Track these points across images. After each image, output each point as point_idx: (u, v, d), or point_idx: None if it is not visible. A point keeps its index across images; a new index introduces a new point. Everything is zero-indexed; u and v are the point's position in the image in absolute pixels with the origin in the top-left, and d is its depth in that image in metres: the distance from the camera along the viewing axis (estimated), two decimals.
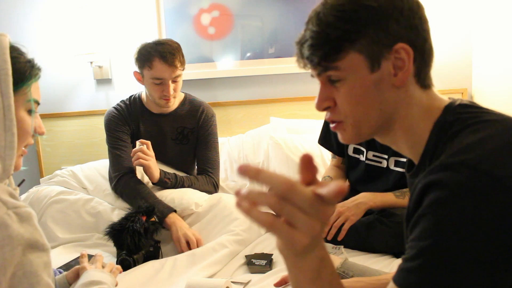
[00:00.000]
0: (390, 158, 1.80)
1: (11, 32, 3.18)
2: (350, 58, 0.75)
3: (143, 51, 1.97)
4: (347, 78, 0.76)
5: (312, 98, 3.00)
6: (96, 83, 2.81)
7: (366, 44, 0.74)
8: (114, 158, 2.00)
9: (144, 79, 1.99)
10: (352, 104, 0.77)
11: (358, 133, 0.79)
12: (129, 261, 1.59)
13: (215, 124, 2.17)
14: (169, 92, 1.96)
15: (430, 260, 0.61)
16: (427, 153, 0.75)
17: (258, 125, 2.67)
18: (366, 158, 1.87)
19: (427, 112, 0.76)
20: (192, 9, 2.74)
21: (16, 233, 0.73)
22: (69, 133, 2.82)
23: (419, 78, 0.77)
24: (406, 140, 0.79)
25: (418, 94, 0.77)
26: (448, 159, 0.65)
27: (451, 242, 0.60)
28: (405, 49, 0.73)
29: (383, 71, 0.74)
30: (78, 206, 1.98)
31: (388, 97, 0.76)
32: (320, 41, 0.75)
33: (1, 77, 0.81)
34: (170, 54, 1.92)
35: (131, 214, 1.67)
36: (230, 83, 2.79)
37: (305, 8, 2.71)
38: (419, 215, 0.65)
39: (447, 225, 0.61)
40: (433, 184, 0.63)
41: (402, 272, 0.66)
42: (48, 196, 1.99)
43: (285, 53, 2.74)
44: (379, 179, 1.84)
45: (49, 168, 2.82)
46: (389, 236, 1.65)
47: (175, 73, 1.95)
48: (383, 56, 0.74)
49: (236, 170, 0.52)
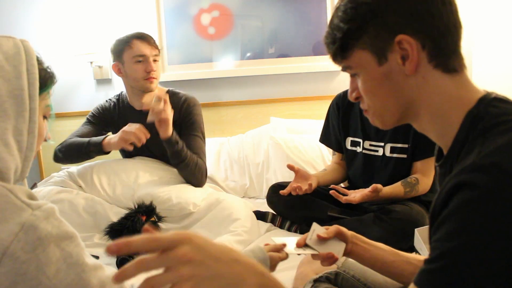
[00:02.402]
0: (386, 145, 1.83)
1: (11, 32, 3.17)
2: (357, 55, 0.78)
3: (118, 41, 2.06)
4: (359, 73, 0.80)
5: (312, 98, 3.01)
6: (96, 83, 2.81)
7: (369, 40, 0.75)
8: (75, 130, 2.19)
9: (125, 64, 2.03)
10: (369, 96, 0.80)
11: (383, 121, 0.82)
12: (128, 261, 1.58)
13: (198, 113, 2.15)
14: (152, 67, 2.01)
15: (454, 262, 0.60)
16: (457, 144, 0.73)
17: (258, 125, 2.67)
18: (363, 148, 1.90)
19: (458, 102, 0.74)
20: (192, 9, 2.74)
21: (44, 232, 0.74)
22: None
23: (438, 63, 0.74)
24: (434, 128, 0.77)
25: (441, 80, 0.75)
26: (480, 160, 0.63)
27: (477, 245, 0.58)
28: (406, 40, 0.72)
29: (391, 63, 0.75)
30: (76, 205, 1.97)
31: (404, 85, 0.76)
32: (330, 41, 0.81)
33: (31, 81, 0.84)
34: (146, 35, 2.05)
35: (131, 214, 1.67)
36: (230, 83, 2.79)
37: (305, 8, 2.71)
38: (445, 215, 0.63)
39: (473, 227, 0.59)
40: (463, 184, 0.61)
41: (424, 274, 0.63)
42: (46, 197, 1.98)
43: (285, 53, 2.75)
44: (377, 172, 1.85)
45: (49, 168, 2.82)
46: (388, 233, 1.65)
47: (155, 51, 2.04)
48: (388, 49, 0.74)
49: (106, 252, 0.53)
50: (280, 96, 2.77)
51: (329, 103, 2.08)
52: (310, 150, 2.34)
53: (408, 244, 1.59)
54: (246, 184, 2.45)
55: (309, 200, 1.92)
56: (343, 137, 1.98)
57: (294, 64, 2.73)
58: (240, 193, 2.41)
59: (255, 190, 2.44)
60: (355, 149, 1.94)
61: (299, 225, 1.93)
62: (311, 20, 2.72)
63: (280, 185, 2.01)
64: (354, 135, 1.95)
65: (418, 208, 1.73)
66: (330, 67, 2.68)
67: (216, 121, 2.78)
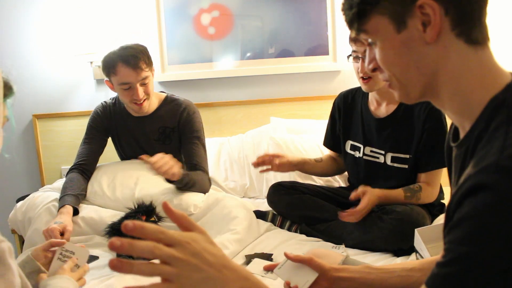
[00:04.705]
0: (387, 153, 1.82)
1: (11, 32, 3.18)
2: (375, 21, 0.75)
3: (107, 58, 1.95)
4: (377, 41, 0.77)
5: (312, 98, 3.02)
6: (96, 83, 2.81)
7: (388, 6, 0.72)
8: (79, 149, 2.13)
9: (114, 86, 1.98)
10: (388, 65, 0.77)
11: (406, 93, 0.78)
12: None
13: (199, 120, 2.13)
14: (138, 96, 1.93)
15: (469, 267, 0.58)
16: (476, 129, 0.69)
17: (258, 125, 2.66)
18: (364, 154, 1.88)
19: (481, 81, 0.70)
20: (192, 9, 2.74)
21: None
22: (69, 133, 2.82)
23: (461, 32, 0.70)
24: (452, 105, 0.74)
25: (463, 52, 0.71)
26: (503, 160, 0.59)
27: (494, 251, 0.57)
28: (429, 4, 0.69)
29: (410, 29, 0.72)
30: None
31: (425, 54, 0.72)
32: (348, 6, 0.78)
33: None
34: (133, 57, 1.89)
35: (131, 214, 1.67)
36: (230, 83, 2.79)
37: (305, 8, 2.71)
38: (462, 217, 0.60)
39: (491, 232, 0.57)
40: (483, 186, 0.59)
41: (437, 278, 0.61)
42: (43, 203, 1.98)
43: (285, 53, 2.75)
44: (380, 177, 1.84)
45: (49, 168, 2.82)
46: (389, 233, 1.65)
47: (141, 76, 1.92)
48: (408, 14, 0.71)
49: (108, 246, 0.56)
50: (280, 96, 2.77)
51: (329, 103, 2.08)
52: (310, 150, 2.34)
53: (408, 244, 1.59)
54: (246, 184, 2.45)
55: (309, 200, 1.92)
56: (343, 140, 1.98)
57: (294, 64, 2.73)
58: (240, 193, 2.41)
59: (255, 190, 2.44)
60: (354, 154, 1.93)
61: (299, 225, 1.93)
62: (311, 20, 2.72)
63: (280, 185, 2.02)
64: (354, 139, 1.94)
65: (418, 208, 1.73)
66: (330, 67, 2.68)
67: (216, 121, 2.78)
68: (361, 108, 1.92)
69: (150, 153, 2.10)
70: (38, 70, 2.76)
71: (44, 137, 2.83)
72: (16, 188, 2.78)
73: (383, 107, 1.85)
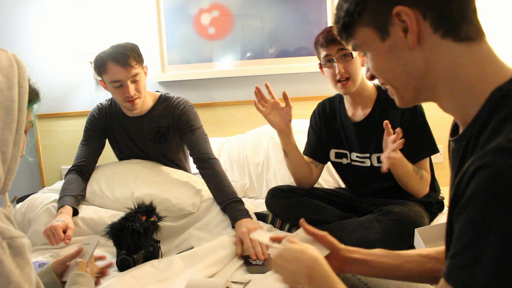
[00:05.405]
0: (372, 155, 1.82)
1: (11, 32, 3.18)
2: (361, 33, 0.78)
3: (97, 58, 1.95)
4: (366, 52, 0.80)
5: (312, 98, 3.01)
6: (96, 83, 2.81)
7: (369, 16, 0.76)
8: (77, 151, 2.15)
9: (107, 85, 1.98)
10: (379, 73, 0.80)
11: (401, 97, 0.81)
12: (129, 260, 1.59)
13: (193, 112, 2.10)
14: (129, 92, 1.92)
15: (481, 251, 0.58)
16: (478, 122, 0.69)
17: (258, 125, 2.66)
18: (352, 160, 1.89)
19: (481, 74, 0.71)
20: (192, 9, 2.74)
21: (6, 270, 0.71)
22: (69, 133, 2.82)
23: (446, 32, 0.71)
24: (451, 101, 0.75)
25: (454, 50, 0.72)
26: (506, 143, 0.60)
27: (501, 232, 0.57)
28: (404, 11, 0.71)
29: (393, 37, 0.75)
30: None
31: (412, 58, 0.75)
32: (336, 20, 0.82)
33: (21, 94, 0.84)
34: (122, 55, 1.90)
35: (131, 214, 1.67)
36: (230, 83, 2.79)
37: (305, 8, 2.71)
38: (466, 199, 0.62)
39: (496, 213, 0.58)
40: (484, 166, 0.60)
41: (453, 269, 0.62)
42: (42, 204, 1.98)
43: (285, 53, 2.75)
44: (374, 179, 1.85)
45: (49, 168, 2.82)
46: (387, 234, 1.65)
47: (131, 73, 1.91)
48: (388, 23, 0.74)
49: None
50: (280, 96, 2.77)
51: None
52: None
53: (407, 244, 1.60)
54: (246, 184, 2.45)
55: (308, 203, 1.92)
56: (327, 149, 1.97)
57: (294, 64, 2.73)
58: (240, 193, 2.41)
59: (255, 190, 2.44)
60: (341, 161, 1.93)
61: (298, 228, 1.93)
62: (311, 20, 2.72)
63: (278, 189, 2.01)
64: (338, 146, 1.94)
65: (416, 208, 1.73)
66: None
67: (216, 121, 2.78)
68: (339, 115, 1.93)
69: (146, 152, 2.12)
70: (38, 70, 2.75)
71: (44, 137, 2.83)
72: (16, 188, 2.78)
73: (360, 111, 1.86)
